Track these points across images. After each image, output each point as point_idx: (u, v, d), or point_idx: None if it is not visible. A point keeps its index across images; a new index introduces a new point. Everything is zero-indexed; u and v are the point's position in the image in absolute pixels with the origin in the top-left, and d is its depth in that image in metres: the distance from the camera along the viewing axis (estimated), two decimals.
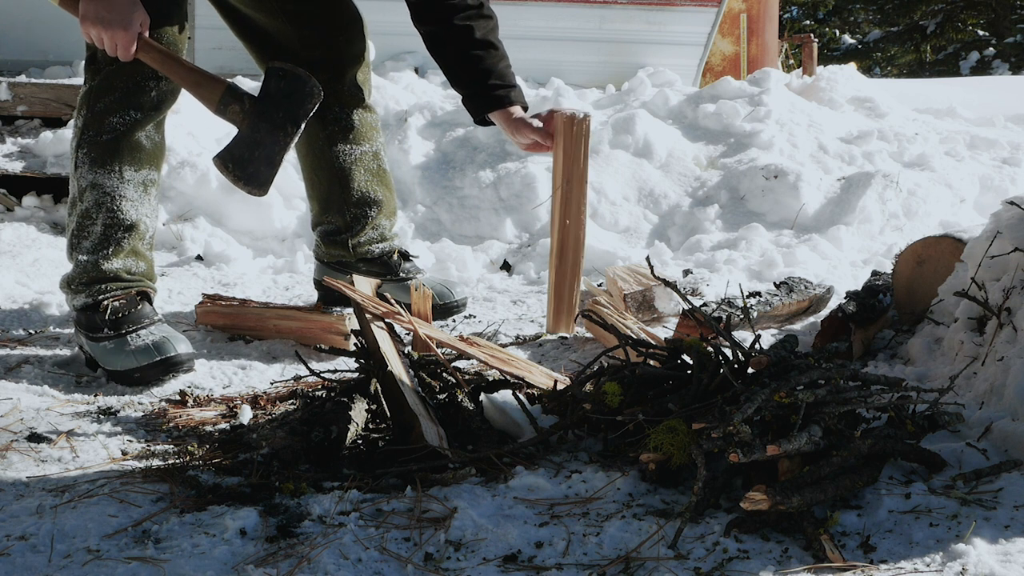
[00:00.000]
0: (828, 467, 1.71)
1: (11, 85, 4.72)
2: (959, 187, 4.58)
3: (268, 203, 4.14)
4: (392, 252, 3.19)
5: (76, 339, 2.72)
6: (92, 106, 2.65)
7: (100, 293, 2.65)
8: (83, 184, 2.66)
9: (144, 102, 2.65)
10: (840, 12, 24.38)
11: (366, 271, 3.10)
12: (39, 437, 2.14)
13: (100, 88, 2.64)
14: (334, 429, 2.00)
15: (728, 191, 4.44)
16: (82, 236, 2.67)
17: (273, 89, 2.51)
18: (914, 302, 2.68)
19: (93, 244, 2.66)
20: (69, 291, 2.70)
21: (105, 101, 2.64)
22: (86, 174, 2.65)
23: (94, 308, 2.64)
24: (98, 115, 2.64)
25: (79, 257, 2.68)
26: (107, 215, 2.65)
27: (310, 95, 2.52)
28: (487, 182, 4.39)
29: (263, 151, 2.49)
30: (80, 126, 2.67)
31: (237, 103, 2.50)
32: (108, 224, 2.66)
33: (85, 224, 2.67)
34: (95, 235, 2.66)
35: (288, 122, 2.50)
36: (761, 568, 1.55)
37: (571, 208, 2.88)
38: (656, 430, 1.83)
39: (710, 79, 6.38)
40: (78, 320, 2.68)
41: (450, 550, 1.63)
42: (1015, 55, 21.88)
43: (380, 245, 3.17)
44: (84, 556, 1.61)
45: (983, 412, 2.03)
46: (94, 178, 2.65)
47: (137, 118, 2.65)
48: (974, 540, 1.58)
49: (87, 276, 2.66)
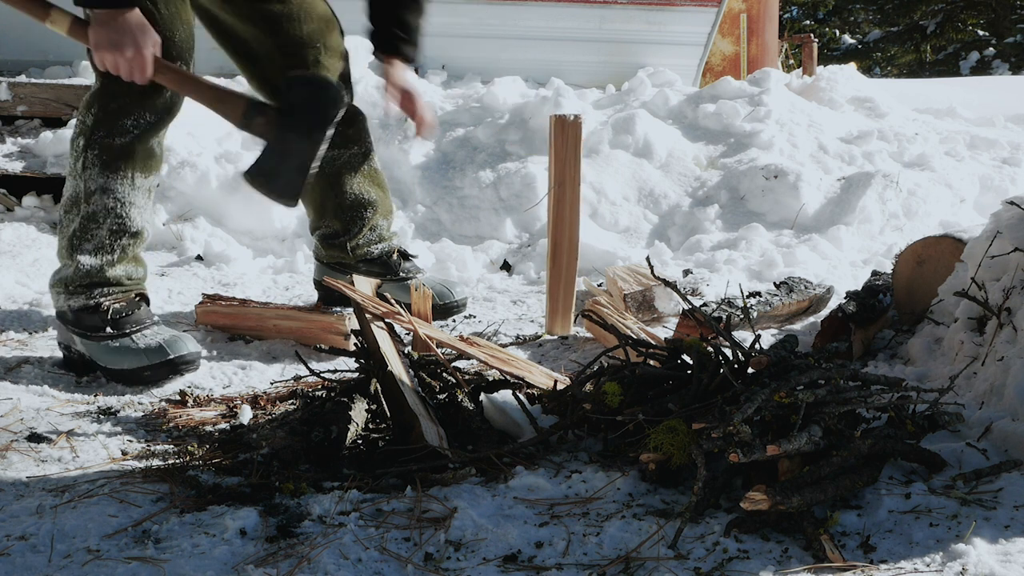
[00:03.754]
0: (828, 467, 1.71)
1: (11, 85, 4.72)
2: (959, 187, 4.58)
3: (268, 203, 4.13)
4: (391, 252, 3.19)
5: (64, 339, 2.67)
6: (105, 105, 2.58)
7: (101, 296, 2.63)
8: (92, 187, 2.59)
9: (159, 105, 2.59)
10: (840, 12, 24.38)
11: (366, 271, 3.10)
12: (39, 437, 2.14)
13: (114, 88, 2.56)
14: (334, 429, 2.00)
15: (728, 191, 4.44)
16: (85, 238, 2.62)
17: (295, 98, 2.48)
18: (914, 302, 2.68)
19: (97, 248, 2.62)
20: (65, 292, 2.65)
21: (120, 102, 2.57)
22: (96, 176, 2.59)
23: (94, 309, 2.62)
24: (111, 115, 2.57)
25: (80, 259, 2.63)
26: (115, 221, 2.62)
27: (335, 100, 2.49)
28: (487, 182, 4.39)
29: (292, 161, 2.46)
30: (90, 124, 2.60)
31: (262, 116, 2.46)
32: (115, 230, 2.62)
33: (90, 227, 2.62)
34: (100, 239, 2.62)
35: (315, 129, 2.46)
36: (761, 568, 1.55)
37: (564, 210, 2.88)
38: (656, 430, 1.83)
39: (710, 79, 6.38)
40: (73, 320, 2.64)
41: (450, 550, 1.63)
42: (1015, 55, 21.88)
43: (379, 246, 3.17)
44: (84, 556, 1.61)
45: (983, 412, 2.03)
46: (105, 182, 2.59)
47: (151, 122, 2.60)
48: (974, 540, 1.58)
49: (88, 279, 2.63)
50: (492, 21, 5.64)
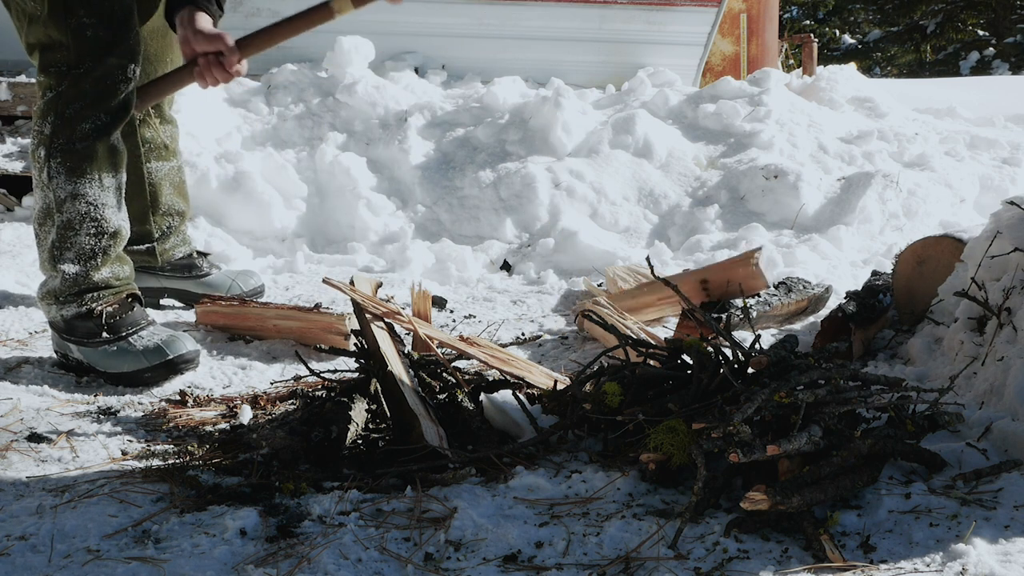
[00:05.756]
0: (828, 467, 1.71)
1: (11, 85, 4.72)
2: (959, 187, 4.57)
3: (268, 203, 4.14)
4: (191, 253, 3.30)
5: (60, 348, 2.66)
6: (61, 112, 2.55)
7: (92, 301, 2.61)
8: (61, 195, 2.57)
9: (114, 105, 2.58)
10: (840, 12, 24.38)
11: (170, 273, 3.23)
12: (39, 437, 2.14)
13: (68, 93, 2.55)
14: (334, 429, 2.00)
15: (728, 191, 4.44)
16: (64, 247, 2.59)
17: None
18: (914, 302, 2.68)
19: (79, 255, 2.60)
20: (56, 303, 2.62)
21: (74, 107, 2.55)
22: (64, 184, 2.56)
23: (87, 315, 2.61)
24: (68, 121, 2.55)
25: (65, 268, 2.60)
26: (91, 224, 2.59)
27: None
28: (487, 182, 4.39)
29: None
30: (48, 133, 2.57)
31: None
32: (93, 234, 2.60)
33: (68, 235, 2.59)
34: (80, 245, 2.60)
35: None
36: (761, 568, 1.55)
37: None
38: (656, 430, 1.83)
39: (710, 79, 6.37)
40: (67, 328, 2.62)
41: (450, 550, 1.63)
42: (1015, 55, 21.88)
43: (182, 249, 3.28)
44: (84, 556, 1.61)
45: (983, 412, 2.03)
46: (74, 188, 2.56)
47: (107, 121, 2.58)
48: (974, 540, 1.58)
49: (77, 287, 2.60)
50: (492, 21, 5.63)
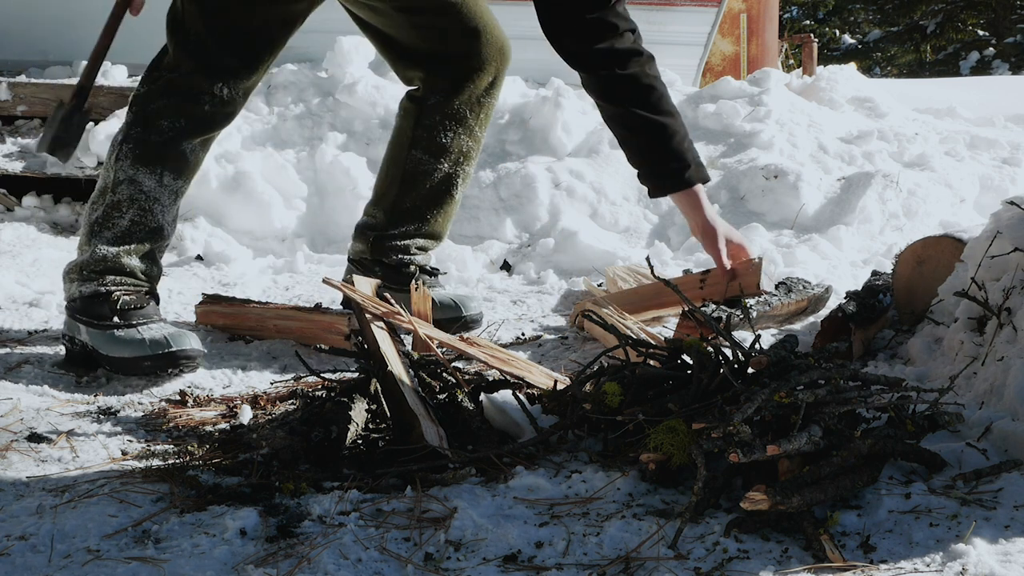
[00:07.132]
0: (828, 467, 1.71)
1: (11, 85, 4.72)
2: (959, 187, 4.57)
3: (268, 203, 4.14)
4: (410, 264, 3.04)
5: (70, 330, 2.67)
6: (145, 106, 2.67)
7: (113, 284, 2.64)
8: (120, 176, 2.65)
9: (196, 114, 2.65)
10: (840, 12, 24.38)
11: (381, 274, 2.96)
12: (39, 437, 2.14)
13: (157, 91, 2.67)
14: (334, 429, 2.00)
15: (728, 191, 4.44)
16: (106, 226, 2.65)
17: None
18: (914, 302, 2.68)
19: (116, 236, 2.65)
20: (79, 277, 2.65)
21: (159, 104, 2.65)
22: (127, 168, 2.64)
23: (104, 297, 2.62)
24: (150, 116, 2.65)
25: (98, 246, 2.65)
26: (138, 212, 2.65)
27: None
28: (487, 182, 4.39)
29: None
30: (128, 122, 2.69)
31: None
32: (136, 221, 2.65)
33: (112, 215, 2.65)
34: (121, 228, 2.65)
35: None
36: (761, 568, 1.55)
37: None
38: (656, 430, 1.83)
39: (710, 79, 6.37)
40: (80, 308, 2.64)
41: (450, 550, 1.63)
42: (1015, 55, 21.88)
43: (402, 256, 3.02)
44: (84, 556, 1.61)
45: (983, 412, 2.03)
46: (134, 174, 2.64)
47: (184, 127, 2.65)
48: (974, 540, 1.58)
49: (103, 265, 2.64)
50: None
